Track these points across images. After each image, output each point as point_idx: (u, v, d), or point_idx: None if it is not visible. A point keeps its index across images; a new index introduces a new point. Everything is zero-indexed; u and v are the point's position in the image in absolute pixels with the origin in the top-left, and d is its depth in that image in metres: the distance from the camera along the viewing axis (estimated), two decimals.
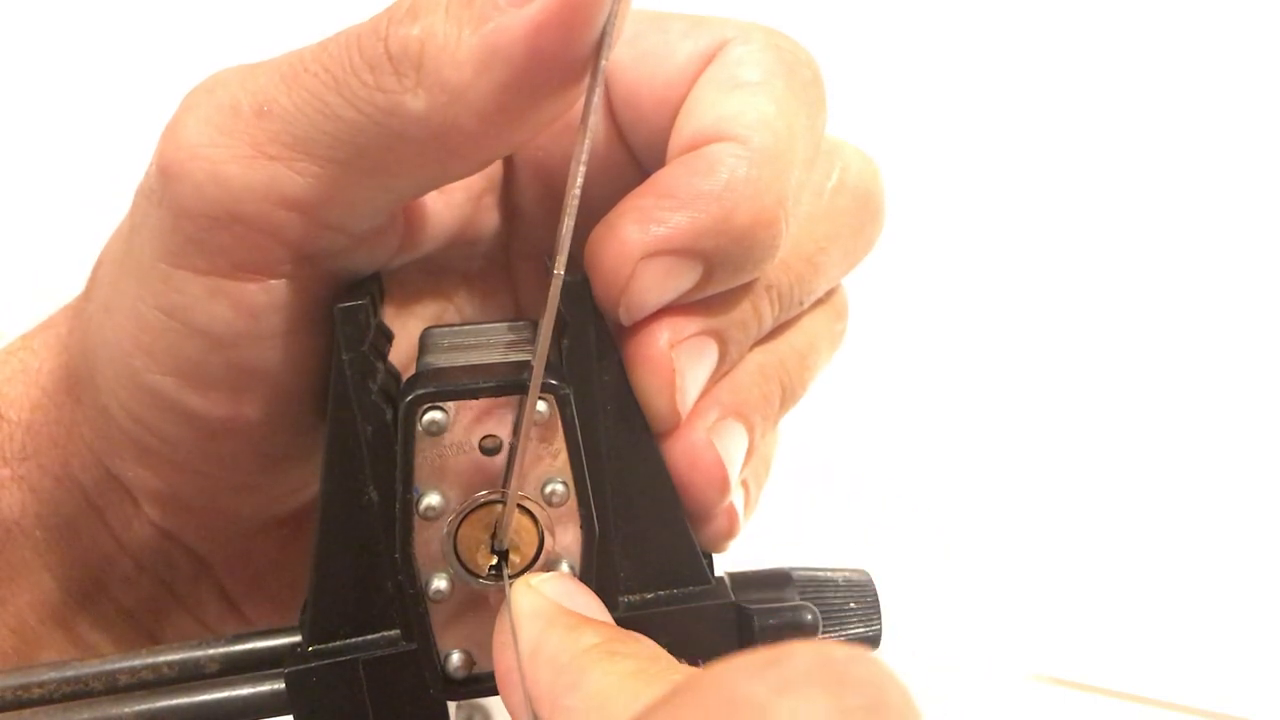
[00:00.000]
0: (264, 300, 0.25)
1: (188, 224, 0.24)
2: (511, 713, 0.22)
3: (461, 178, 0.26)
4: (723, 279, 0.26)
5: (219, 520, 0.31)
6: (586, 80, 0.23)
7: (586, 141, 0.23)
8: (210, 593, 0.32)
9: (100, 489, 0.30)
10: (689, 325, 0.26)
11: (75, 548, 0.30)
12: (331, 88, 0.23)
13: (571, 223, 0.23)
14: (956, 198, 0.79)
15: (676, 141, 0.26)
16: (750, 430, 0.28)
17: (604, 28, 0.22)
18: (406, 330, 0.30)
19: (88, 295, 0.29)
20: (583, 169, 0.23)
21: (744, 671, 0.15)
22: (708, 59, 0.27)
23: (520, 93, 0.23)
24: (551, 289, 0.23)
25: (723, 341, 0.27)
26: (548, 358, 0.24)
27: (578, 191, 0.23)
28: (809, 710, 0.14)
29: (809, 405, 0.31)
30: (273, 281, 0.25)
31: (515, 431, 0.25)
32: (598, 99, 0.23)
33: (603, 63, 0.22)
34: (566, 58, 0.22)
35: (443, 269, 0.31)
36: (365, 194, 0.25)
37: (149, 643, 0.32)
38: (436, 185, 0.27)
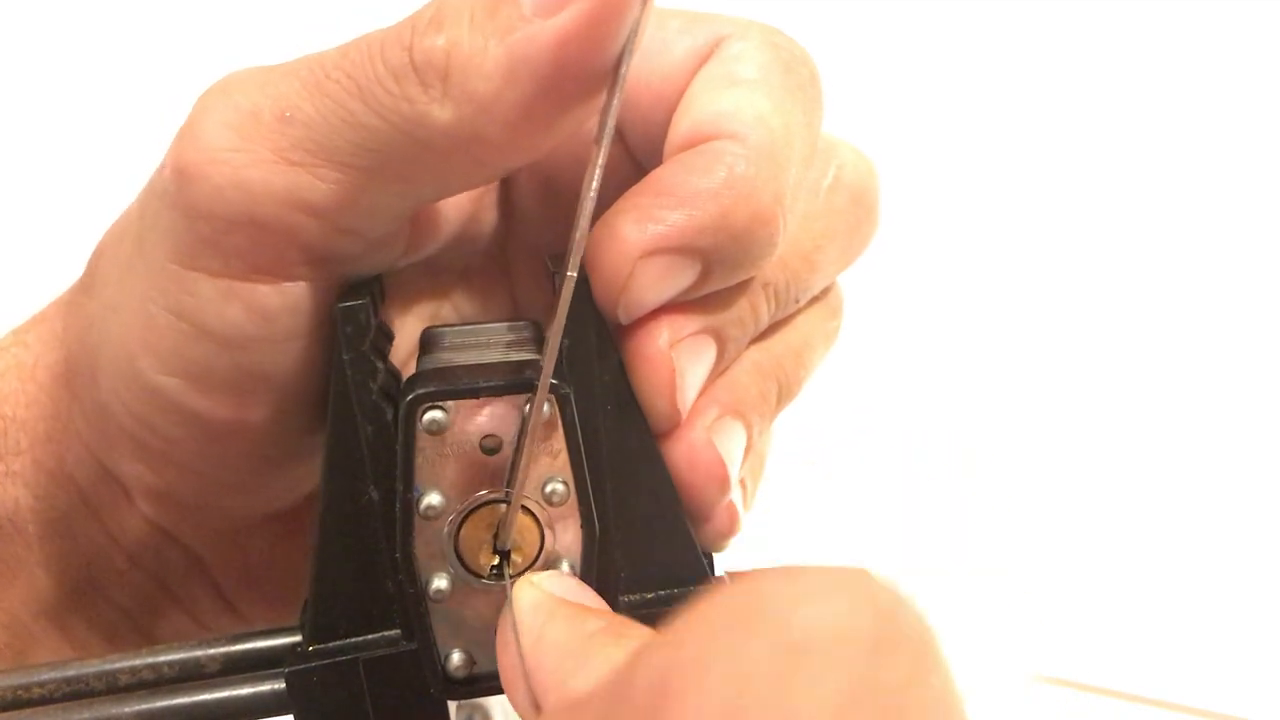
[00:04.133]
0: (277, 303, 0.26)
1: (204, 226, 0.24)
2: (516, 709, 0.22)
3: (482, 185, 0.26)
4: (721, 277, 0.26)
5: (213, 516, 0.31)
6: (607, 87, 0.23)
7: (605, 145, 0.23)
8: (204, 589, 0.32)
9: (94, 484, 0.30)
10: (688, 324, 0.26)
11: (69, 544, 0.30)
12: (355, 95, 0.23)
13: (586, 225, 0.23)
14: (953, 197, 0.79)
15: (673, 138, 0.26)
16: (748, 428, 0.28)
17: (627, 35, 0.22)
18: (404, 328, 0.30)
19: (87, 290, 0.29)
20: (599, 172, 0.23)
21: (762, 581, 0.15)
22: (704, 56, 0.27)
23: (546, 102, 0.23)
24: (564, 290, 0.23)
25: (721, 339, 0.27)
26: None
27: (593, 195, 0.23)
28: (833, 614, 0.14)
29: (810, 405, 0.31)
30: (287, 284, 0.25)
31: (521, 431, 0.25)
32: (616, 105, 0.23)
33: (624, 70, 0.23)
34: (592, 67, 0.23)
35: (440, 267, 0.31)
36: (385, 200, 0.25)
37: (143, 639, 0.32)
38: (457, 192, 0.27)
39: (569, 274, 0.23)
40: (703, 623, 0.15)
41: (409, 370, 0.26)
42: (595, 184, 0.23)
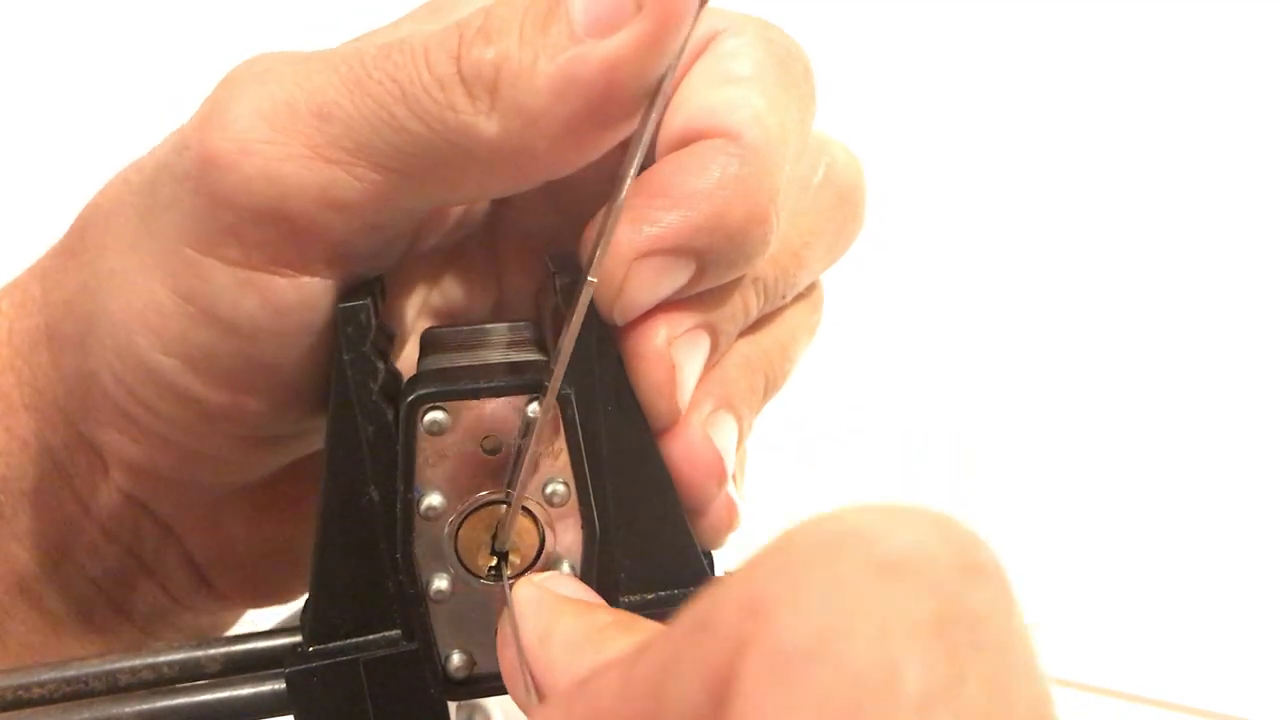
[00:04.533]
0: (292, 298, 0.25)
1: (228, 215, 0.24)
2: (521, 709, 0.22)
3: (516, 192, 0.26)
4: (715, 275, 0.26)
5: (190, 489, 0.30)
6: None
7: (638, 158, 0.23)
8: (177, 561, 0.32)
9: (70, 454, 0.30)
10: (684, 320, 0.26)
11: (41, 515, 0.30)
12: (399, 99, 0.23)
13: (611, 234, 0.23)
14: (955, 194, 0.79)
15: (667, 135, 0.26)
16: (739, 421, 0.28)
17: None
18: (390, 313, 0.30)
19: (73, 255, 0.29)
20: (629, 183, 0.23)
21: (845, 511, 0.15)
22: (698, 51, 0.27)
23: (592, 121, 0.23)
24: (583, 296, 0.24)
25: (714, 334, 0.27)
26: (548, 358, 0.24)
27: (621, 202, 0.23)
28: (921, 538, 0.14)
29: (810, 405, 0.31)
30: (305, 279, 0.25)
31: (524, 433, 0.25)
32: (655, 119, 0.23)
33: (666, 84, 0.23)
34: (640, 88, 0.23)
35: (428, 251, 0.31)
36: (416, 201, 0.25)
37: (116, 611, 0.32)
38: (490, 198, 0.27)
39: (589, 279, 0.23)
40: (788, 549, 0.15)
41: (394, 357, 0.26)
42: (624, 194, 0.23)
